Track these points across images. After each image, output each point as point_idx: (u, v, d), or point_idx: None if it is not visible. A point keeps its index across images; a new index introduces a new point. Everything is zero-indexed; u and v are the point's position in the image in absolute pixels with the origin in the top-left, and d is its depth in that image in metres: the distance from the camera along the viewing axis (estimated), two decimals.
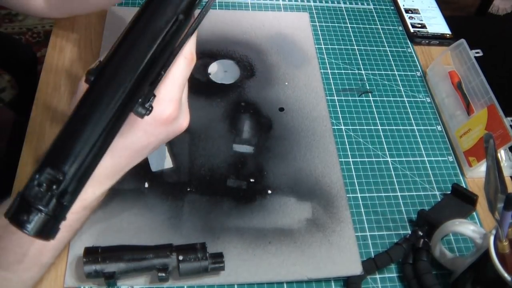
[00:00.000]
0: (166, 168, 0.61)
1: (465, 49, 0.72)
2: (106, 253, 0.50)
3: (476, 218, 0.64)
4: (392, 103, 0.75)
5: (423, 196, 0.65)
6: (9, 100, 1.49)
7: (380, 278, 0.57)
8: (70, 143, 0.37)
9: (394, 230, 0.61)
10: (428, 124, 0.74)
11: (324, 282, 0.56)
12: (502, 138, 0.63)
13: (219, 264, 0.52)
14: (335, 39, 0.83)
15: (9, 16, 1.85)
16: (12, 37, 1.62)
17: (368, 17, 0.88)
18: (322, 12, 0.87)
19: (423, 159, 0.69)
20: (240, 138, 0.66)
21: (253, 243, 0.57)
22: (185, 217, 0.58)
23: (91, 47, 0.73)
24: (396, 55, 0.82)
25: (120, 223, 0.56)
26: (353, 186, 0.65)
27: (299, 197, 0.61)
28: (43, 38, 1.79)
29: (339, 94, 0.75)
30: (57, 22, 0.75)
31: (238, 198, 0.60)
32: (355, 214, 0.62)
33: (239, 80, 0.73)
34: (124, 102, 0.39)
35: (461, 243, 0.62)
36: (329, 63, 0.79)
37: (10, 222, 0.36)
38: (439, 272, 0.58)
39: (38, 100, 0.66)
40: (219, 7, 0.83)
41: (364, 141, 0.70)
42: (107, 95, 0.38)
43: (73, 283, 0.52)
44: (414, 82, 0.79)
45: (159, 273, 0.50)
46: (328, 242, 0.58)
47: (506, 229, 0.49)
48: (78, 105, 0.38)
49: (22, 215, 0.36)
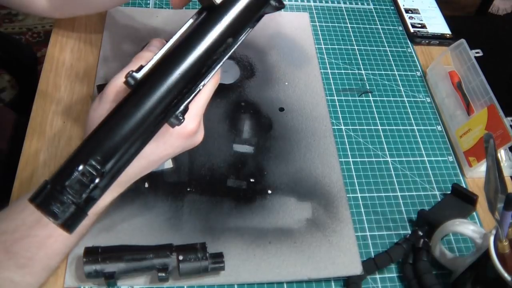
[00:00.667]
0: (166, 168, 0.61)
1: (465, 49, 0.72)
2: (106, 253, 0.50)
3: (476, 218, 0.64)
4: (392, 103, 0.75)
5: (423, 196, 0.65)
6: (9, 100, 1.49)
7: (380, 278, 0.57)
8: (115, 139, 0.39)
9: (394, 230, 0.61)
10: (428, 124, 0.74)
11: (324, 282, 0.56)
12: (502, 138, 0.63)
13: (219, 264, 0.52)
14: (335, 39, 0.83)
15: (9, 16, 1.85)
16: (12, 37, 1.62)
17: (368, 17, 0.88)
18: (322, 12, 0.87)
19: (423, 159, 0.69)
20: (240, 138, 0.66)
21: (253, 243, 0.57)
22: (185, 217, 0.58)
23: (91, 47, 0.73)
24: (396, 55, 0.82)
25: (120, 223, 0.56)
26: (353, 186, 0.65)
27: (299, 197, 0.61)
28: (43, 38, 1.79)
29: (339, 94, 0.75)
30: (57, 22, 0.75)
31: (238, 198, 0.60)
32: (355, 214, 0.62)
33: (239, 80, 0.73)
34: (167, 110, 0.41)
35: (461, 243, 0.62)
36: (329, 63, 0.79)
37: (38, 208, 0.36)
38: (439, 272, 0.58)
39: (38, 100, 0.66)
40: None
41: (364, 141, 0.70)
42: (154, 100, 0.40)
43: (73, 283, 0.52)
44: (414, 82, 0.79)
45: (159, 273, 0.50)
46: (328, 242, 0.58)
47: (506, 229, 0.49)
48: (122, 104, 0.40)
49: (53, 203, 0.36)
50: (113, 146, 0.39)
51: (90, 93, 0.68)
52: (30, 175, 0.59)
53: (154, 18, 0.78)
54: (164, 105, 0.41)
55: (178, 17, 0.79)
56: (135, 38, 0.74)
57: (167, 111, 0.41)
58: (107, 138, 0.39)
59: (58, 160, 0.60)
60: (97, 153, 0.38)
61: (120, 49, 0.73)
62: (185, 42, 0.43)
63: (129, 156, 0.40)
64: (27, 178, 0.58)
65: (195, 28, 0.44)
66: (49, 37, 0.74)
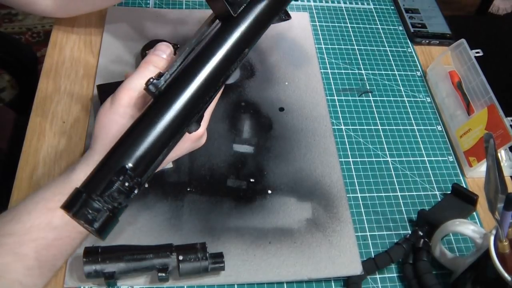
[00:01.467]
0: (166, 168, 0.61)
1: (465, 49, 0.72)
2: (106, 253, 0.50)
3: (476, 218, 0.64)
4: (392, 103, 0.75)
5: (423, 196, 0.65)
6: (9, 100, 1.49)
7: (380, 278, 0.57)
8: (146, 148, 0.40)
9: (394, 230, 0.61)
10: (428, 124, 0.74)
11: (324, 282, 0.56)
12: (502, 138, 0.63)
13: (219, 264, 0.52)
14: (335, 39, 0.83)
15: (9, 16, 1.85)
16: (12, 37, 1.62)
17: (368, 17, 0.88)
18: (322, 12, 0.87)
19: (423, 159, 0.69)
20: (240, 138, 0.66)
21: (253, 243, 0.57)
22: (185, 217, 0.58)
23: (91, 47, 0.73)
24: (396, 55, 0.82)
25: (120, 223, 0.56)
26: (353, 186, 0.65)
27: (299, 197, 0.61)
28: (43, 38, 1.79)
29: (339, 94, 0.75)
30: (57, 22, 0.75)
31: (238, 198, 0.60)
32: (355, 214, 0.62)
33: (239, 80, 0.73)
34: (191, 118, 0.43)
35: (461, 243, 0.62)
36: (329, 63, 0.79)
37: (73, 217, 0.37)
38: (439, 272, 0.58)
39: (38, 100, 0.66)
40: None
41: (364, 141, 0.70)
42: (180, 109, 0.42)
43: (73, 283, 0.52)
44: (414, 82, 0.79)
45: (159, 273, 0.50)
46: (328, 242, 0.58)
47: (506, 229, 0.49)
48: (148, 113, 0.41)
49: (89, 211, 0.37)
50: (145, 154, 0.40)
51: (90, 93, 0.68)
52: (30, 175, 0.59)
53: (154, 18, 0.78)
54: (189, 114, 0.43)
55: (178, 17, 0.79)
56: (135, 38, 0.74)
57: (190, 119, 0.43)
58: (138, 147, 0.40)
59: (58, 160, 0.60)
60: (130, 161, 0.39)
61: (120, 49, 0.73)
62: (205, 52, 0.44)
63: (158, 163, 0.42)
64: (27, 178, 0.58)
65: (213, 38, 0.45)
66: (49, 37, 0.74)
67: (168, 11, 0.80)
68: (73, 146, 0.62)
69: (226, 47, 0.45)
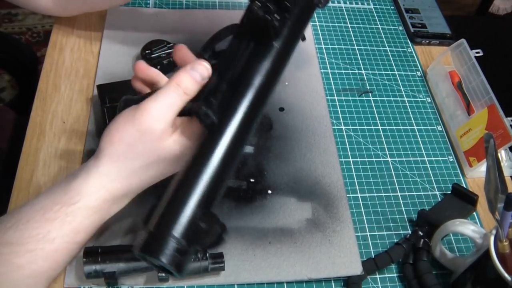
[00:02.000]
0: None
1: (465, 49, 0.72)
2: (106, 253, 0.50)
3: (476, 218, 0.64)
4: (392, 103, 0.75)
5: (423, 196, 0.65)
6: (9, 100, 1.48)
7: (380, 278, 0.57)
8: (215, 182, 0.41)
9: (394, 230, 0.61)
10: (428, 124, 0.74)
11: (324, 282, 0.56)
12: (502, 138, 0.63)
13: (219, 264, 0.52)
14: (335, 39, 0.83)
15: (9, 16, 1.85)
16: (12, 37, 1.62)
17: (368, 17, 0.88)
18: (322, 12, 0.87)
19: (423, 159, 0.69)
20: None
21: (253, 243, 0.57)
22: None
23: (91, 47, 0.73)
24: (396, 55, 0.82)
25: (120, 223, 0.56)
26: (353, 186, 0.65)
27: (299, 197, 0.61)
28: (43, 38, 1.79)
29: (339, 94, 0.75)
30: (57, 21, 0.75)
31: (238, 198, 0.60)
32: (355, 214, 0.62)
33: None
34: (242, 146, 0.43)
35: (461, 243, 0.62)
36: (329, 63, 0.79)
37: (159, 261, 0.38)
38: (439, 272, 0.58)
39: (38, 100, 0.66)
40: (218, 7, 0.83)
41: (364, 141, 0.70)
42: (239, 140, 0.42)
43: (73, 283, 0.52)
44: (414, 82, 0.79)
45: (159, 273, 0.50)
46: (328, 242, 0.58)
47: (506, 229, 0.49)
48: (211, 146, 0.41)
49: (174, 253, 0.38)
50: (214, 188, 0.41)
51: (90, 93, 0.68)
52: (30, 175, 0.59)
53: (154, 18, 0.78)
54: (242, 143, 0.43)
55: (178, 17, 0.79)
56: (135, 38, 0.74)
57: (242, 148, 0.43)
58: (209, 182, 0.40)
59: (58, 160, 0.60)
60: (203, 198, 0.40)
61: (120, 49, 0.73)
62: (249, 78, 0.43)
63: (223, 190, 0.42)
64: (27, 178, 0.58)
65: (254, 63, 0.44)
66: (49, 37, 0.74)
67: (168, 11, 0.80)
68: (73, 146, 0.62)
69: (268, 73, 0.43)
